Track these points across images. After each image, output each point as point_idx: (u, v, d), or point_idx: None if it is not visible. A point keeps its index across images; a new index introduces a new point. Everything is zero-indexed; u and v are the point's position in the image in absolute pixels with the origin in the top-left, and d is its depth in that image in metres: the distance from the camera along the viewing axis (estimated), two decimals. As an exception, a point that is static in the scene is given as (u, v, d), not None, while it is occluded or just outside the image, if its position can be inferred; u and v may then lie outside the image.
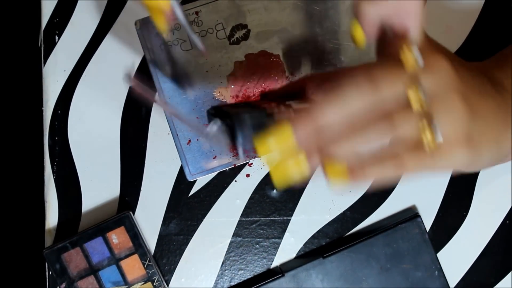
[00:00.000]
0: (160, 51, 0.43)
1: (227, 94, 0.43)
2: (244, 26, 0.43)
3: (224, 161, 0.43)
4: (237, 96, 0.43)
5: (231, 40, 0.43)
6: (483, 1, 0.44)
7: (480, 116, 0.28)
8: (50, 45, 0.45)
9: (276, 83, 0.43)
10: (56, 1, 0.45)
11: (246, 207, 0.44)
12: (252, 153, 0.43)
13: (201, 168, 0.43)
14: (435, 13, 0.44)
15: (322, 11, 0.43)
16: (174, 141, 0.43)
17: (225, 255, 0.44)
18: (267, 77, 0.43)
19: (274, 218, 0.44)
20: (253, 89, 0.43)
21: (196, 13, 0.43)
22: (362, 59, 0.43)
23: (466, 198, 0.45)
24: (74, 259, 0.42)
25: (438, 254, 0.44)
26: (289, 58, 0.43)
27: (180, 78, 0.43)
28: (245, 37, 0.43)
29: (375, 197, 0.44)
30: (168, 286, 0.44)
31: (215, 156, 0.43)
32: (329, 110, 0.26)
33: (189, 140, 0.43)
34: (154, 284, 0.42)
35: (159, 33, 0.43)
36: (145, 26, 0.43)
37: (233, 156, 0.43)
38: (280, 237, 0.44)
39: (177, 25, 0.43)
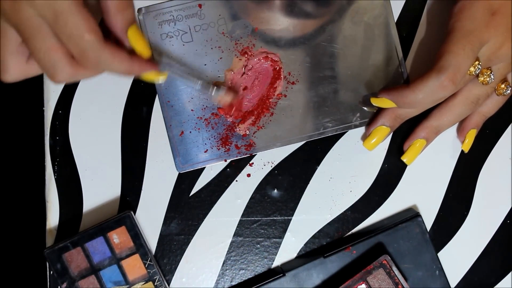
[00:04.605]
0: (161, 41, 0.43)
1: None
2: (246, 22, 0.43)
3: (215, 155, 0.43)
4: None
5: (232, 36, 0.43)
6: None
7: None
8: (51, 45, 0.45)
9: (273, 82, 0.43)
10: None
11: (247, 207, 0.44)
12: (244, 150, 0.43)
13: (191, 160, 0.43)
14: (436, 15, 0.44)
15: (326, 15, 0.43)
16: (167, 131, 0.43)
17: (226, 255, 0.44)
18: (265, 75, 0.43)
19: (275, 218, 0.44)
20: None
21: (200, 5, 0.43)
22: (361, 65, 0.43)
23: (467, 197, 0.45)
24: (75, 259, 0.42)
25: (439, 254, 0.44)
26: (288, 58, 0.43)
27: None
28: (246, 34, 0.43)
29: (376, 196, 0.44)
30: (169, 285, 0.44)
31: (207, 149, 0.43)
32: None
33: (182, 132, 0.43)
34: (155, 284, 0.42)
35: (161, 22, 0.43)
36: (148, 14, 0.43)
37: (225, 152, 0.43)
38: (281, 236, 0.44)
39: (179, 16, 0.43)
